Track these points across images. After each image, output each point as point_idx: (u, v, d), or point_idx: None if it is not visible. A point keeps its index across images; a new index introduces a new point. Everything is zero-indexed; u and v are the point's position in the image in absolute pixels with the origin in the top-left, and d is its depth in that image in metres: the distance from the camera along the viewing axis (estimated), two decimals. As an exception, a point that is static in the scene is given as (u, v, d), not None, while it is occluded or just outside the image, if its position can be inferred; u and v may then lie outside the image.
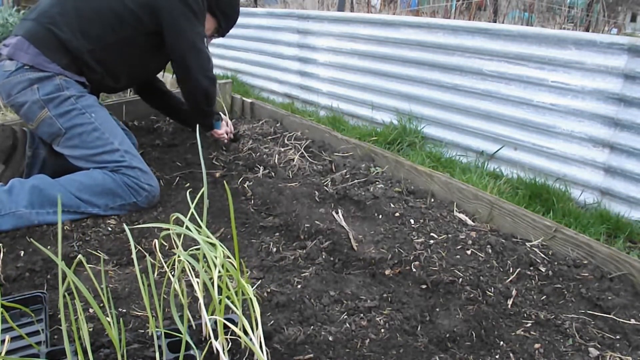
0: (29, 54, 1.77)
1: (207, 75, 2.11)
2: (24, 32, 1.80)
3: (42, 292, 1.29)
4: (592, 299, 1.38)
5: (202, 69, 2.07)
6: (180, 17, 1.94)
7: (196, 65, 2.04)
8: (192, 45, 2.00)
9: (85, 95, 1.85)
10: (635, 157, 2.10)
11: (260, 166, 2.19)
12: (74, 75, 1.84)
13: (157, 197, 1.87)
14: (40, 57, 1.77)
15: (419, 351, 1.19)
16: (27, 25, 1.82)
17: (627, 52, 2.07)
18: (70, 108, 1.79)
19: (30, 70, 1.77)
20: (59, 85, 1.78)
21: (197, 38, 2.02)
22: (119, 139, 1.85)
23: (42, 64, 1.77)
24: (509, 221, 1.74)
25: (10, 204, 1.64)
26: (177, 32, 1.95)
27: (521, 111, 2.48)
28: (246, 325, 0.98)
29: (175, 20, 1.93)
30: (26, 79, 1.76)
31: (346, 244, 1.60)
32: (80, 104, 1.81)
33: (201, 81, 2.09)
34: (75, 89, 1.82)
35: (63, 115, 1.79)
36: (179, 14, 1.93)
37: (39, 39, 1.78)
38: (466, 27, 2.66)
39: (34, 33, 1.79)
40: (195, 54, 2.02)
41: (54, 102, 1.78)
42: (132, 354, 1.07)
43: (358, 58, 3.33)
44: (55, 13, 1.81)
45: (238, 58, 4.61)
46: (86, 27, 1.82)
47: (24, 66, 1.76)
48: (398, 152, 2.78)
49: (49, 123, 1.80)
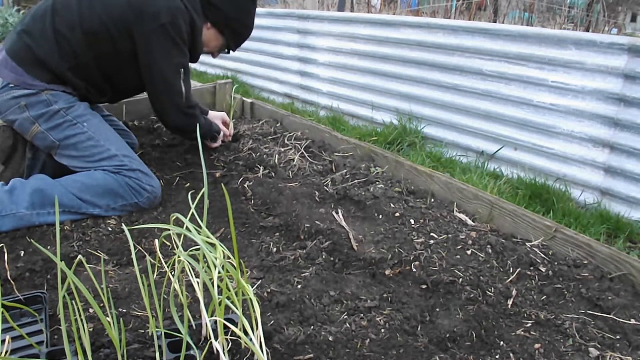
0: (12, 72, 1.75)
1: (179, 111, 1.97)
2: (8, 48, 1.78)
3: (42, 292, 1.29)
4: (592, 299, 1.38)
5: (172, 104, 1.94)
6: (154, 44, 1.81)
7: (166, 99, 1.93)
8: (162, 77, 1.87)
9: (74, 105, 1.82)
10: (635, 157, 2.10)
11: (260, 166, 2.19)
12: (60, 87, 1.81)
13: (159, 198, 1.87)
14: (24, 76, 1.75)
15: (419, 351, 1.19)
16: (12, 40, 1.80)
17: (627, 52, 2.07)
18: (60, 121, 1.78)
19: (15, 89, 1.75)
20: (46, 101, 1.76)
21: (168, 70, 1.87)
22: (116, 145, 1.84)
23: (26, 82, 1.75)
24: (509, 221, 1.74)
25: (11, 204, 1.64)
26: (148, 61, 1.83)
27: (521, 111, 2.49)
28: (246, 325, 0.98)
29: (147, 47, 1.81)
30: (12, 97, 1.75)
31: (346, 244, 1.60)
32: (71, 115, 1.79)
33: (172, 117, 1.99)
34: (63, 102, 1.79)
35: (54, 128, 1.78)
36: (153, 41, 1.80)
37: (20, 57, 1.76)
38: (466, 27, 2.66)
39: (16, 50, 1.77)
40: (165, 88, 1.90)
41: (44, 117, 1.76)
42: (132, 354, 1.07)
43: (358, 58, 3.33)
44: (35, 29, 1.78)
45: (238, 58, 4.61)
46: (63, 44, 1.77)
47: (9, 84, 1.75)
48: (398, 152, 2.78)
49: (41, 137, 1.79)
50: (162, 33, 1.79)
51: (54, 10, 1.79)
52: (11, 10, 6.37)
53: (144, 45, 1.80)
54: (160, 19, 1.77)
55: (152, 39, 1.79)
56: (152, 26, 1.77)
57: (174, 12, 1.79)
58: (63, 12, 1.79)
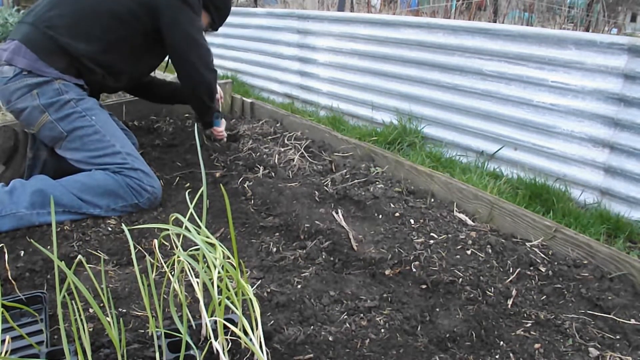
0: (26, 59, 1.76)
1: (209, 68, 2.12)
2: (21, 37, 1.79)
3: (42, 292, 1.29)
4: (592, 299, 1.38)
5: (204, 62, 2.08)
6: (178, 13, 1.94)
7: (198, 59, 2.05)
8: (192, 39, 2.00)
9: (85, 98, 1.85)
10: (635, 157, 2.10)
11: (260, 166, 2.19)
12: (73, 79, 1.84)
13: (159, 199, 1.87)
14: (38, 62, 1.76)
15: (419, 351, 1.19)
16: (24, 29, 1.81)
17: (627, 52, 2.07)
18: (70, 111, 1.79)
19: (28, 76, 1.76)
20: (58, 90, 1.78)
21: (196, 32, 2.02)
22: (121, 142, 1.85)
23: (41, 69, 1.76)
24: (509, 221, 1.74)
25: (11, 205, 1.64)
26: (176, 28, 1.96)
27: (521, 111, 2.48)
28: (246, 325, 0.98)
29: (173, 17, 1.94)
30: (25, 84, 1.76)
31: (346, 244, 1.60)
32: (81, 107, 1.81)
33: (205, 75, 2.10)
34: (74, 92, 1.82)
35: (64, 118, 1.79)
36: (177, 10, 1.94)
37: (36, 44, 1.77)
38: (466, 27, 2.66)
39: (32, 38, 1.78)
40: (196, 48, 2.03)
41: (54, 107, 1.78)
42: (132, 354, 1.08)
43: (358, 58, 3.33)
44: (52, 16, 1.80)
45: (238, 58, 4.61)
46: (85, 30, 1.82)
47: (22, 71, 1.76)
48: (398, 152, 2.78)
49: (50, 127, 1.80)
50: (185, 6, 1.95)
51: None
52: (11, 10, 6.38)
53: (170, 16, 1.94)
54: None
55: (176, 9, 1.94)
56: (177, 2, 1.93)
57: None
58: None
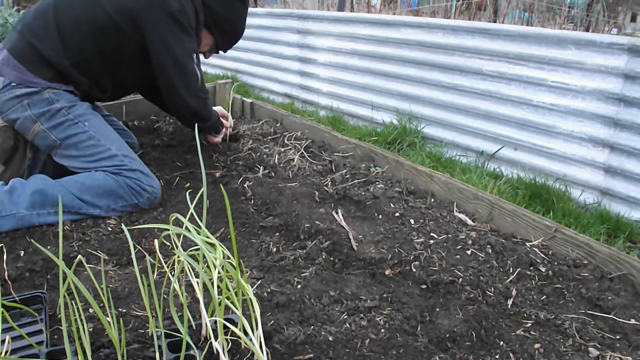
0: (15, 71, 1.75)
1: (196, 95, 1.98)
2: (9, 47, 1.78)
3: (42, 292, 1.29)
4: (592, 299, 1.38)
5: (190, 89, 1.94)
6: (166, 31, 1.81)
7: (183, 85, 1.92)
8: (178, 64, 1.87)
9: (76, 105, 1.82)
10: (635, 157, 2.10)
11: (260, 166, 2.19)
12: (62, 86, 1.81)
13: (159, 199, 1.87)
14: (26, 74, 1.75)
15: (419, 351, 1.19)
16: (13, 38, 1.80)
17: (627, 52, 2.07)
18: (62, 120, 1.78)
19: (17, 87, 1.75)
20: (48, 99, 1.77)
21: (184, 55, 1.88)
22: (116, 145, 1.84)
23: (29, 80, 1.75)
24: (509, 221, 1.74)
25: (11, 205, 1.63)
26: (160, 47, 1.83)
27: (521, 111, 2.48)
28: (246, 325, 0.98)
29: (158, 34, 1.81)
30: (14, 96, 1.75)
31: (346, 244, 1.60)
32: (72, 114, 1.80)
33: (189, 102, 1.97)
34: (65, 100, 1.79)
35: (56, 127, 1.78)
36: (164, 28, 1.81)
37: (22, 55, 1.76)
38: (466, 27, 2.66)
39: (18, 48, 1.77)
40: (182, 73, 1.89)
41: (46, 116, 1.77)
42: (132, 354, 1.07)
43: (358, 58, 3.33)
44: (37, 26, 1.78)
45: (238, 58, 4.61)
46: (67, 40, 1.77)
47: (10, 83, 1.75)
48: (398, 152, 2.78)
49: (43, 136, 1.79)
50: (172, 20, 1.81)
51: (57, 6, 1.79)
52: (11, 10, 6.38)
53: (155, 34, 1.81)
54: (169, 7, 1.79)
55: (163, 26, 1.81)
56: (162, 15, 1.79)
57: (182, 1, 1.82)
58: (66, 7, 1.79)
